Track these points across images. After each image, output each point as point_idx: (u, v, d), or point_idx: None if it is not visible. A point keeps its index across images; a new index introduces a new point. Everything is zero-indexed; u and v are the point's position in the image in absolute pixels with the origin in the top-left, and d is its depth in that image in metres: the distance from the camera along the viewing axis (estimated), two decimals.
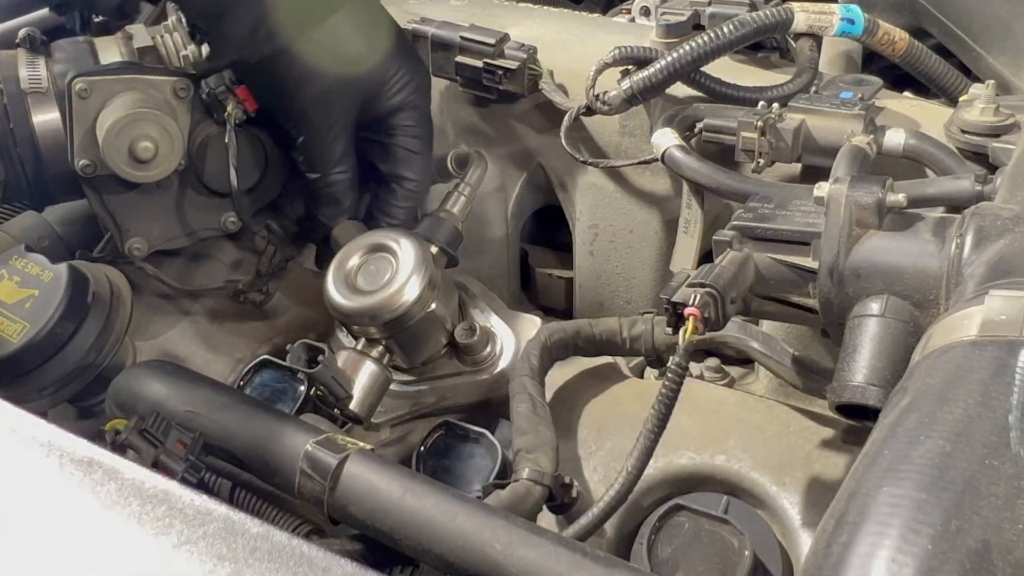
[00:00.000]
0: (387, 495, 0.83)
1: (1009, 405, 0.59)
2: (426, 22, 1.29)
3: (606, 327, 1.10)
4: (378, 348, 1.06)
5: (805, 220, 0.89)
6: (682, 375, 0.83)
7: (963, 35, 1.29)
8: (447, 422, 1.05)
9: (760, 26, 1.12)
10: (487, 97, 1.28)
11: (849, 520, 0.56)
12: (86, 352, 1.01)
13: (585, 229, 1.33)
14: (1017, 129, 1.04)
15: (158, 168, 1.09)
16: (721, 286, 0.85)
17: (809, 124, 1.07)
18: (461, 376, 1.11)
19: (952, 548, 0.52)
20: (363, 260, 1.07)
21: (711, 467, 0.99)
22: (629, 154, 1.25)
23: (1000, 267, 0.74)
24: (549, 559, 0.75)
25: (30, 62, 1.12)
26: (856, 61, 1.40)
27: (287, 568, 0.57)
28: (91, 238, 1.21)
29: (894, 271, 0.83)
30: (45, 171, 1.12)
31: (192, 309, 1.20)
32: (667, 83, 1.14)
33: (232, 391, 1.02)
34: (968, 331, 0.67)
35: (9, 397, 0.71)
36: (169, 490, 0.63)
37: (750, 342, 1.09)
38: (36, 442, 0.66)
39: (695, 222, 1.16)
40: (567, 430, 1.04)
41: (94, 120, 1.07)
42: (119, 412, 0.96)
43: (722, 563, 0.88)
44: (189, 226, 1.17)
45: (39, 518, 0.62)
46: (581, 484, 0.99)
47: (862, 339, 0.82)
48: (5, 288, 1.00)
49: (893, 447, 0.59)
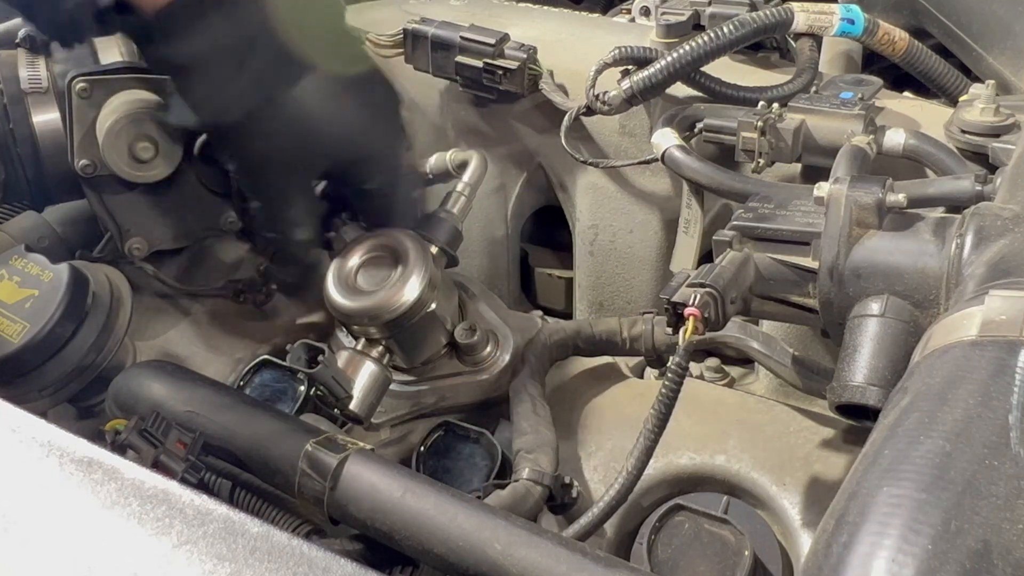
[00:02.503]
0: (387, 495, 0.83)
1: (1009, 405, 0.59)
2: (426, 22, 1.29)
3: (606, 327, 1.10)
4: (378, 348, 1.06)
5: (805, 220, 0.89)
6: (682, 375, 0.83)
7: (963, 35, 1.29)
8: (447, 422, 1.05)
9: (760, 26, 1.12)
10: (487, 97, 1.28)
11: (849, 520, 0.56)
12: (86, 352, 1.01)
13: (585, 229, 1.33)
14: (1017, 129, 1.04)
15: (158, 168, 1.09)
16: (721, 286, 0.85)
17: (809, 124, 1.07)
18: (461, 376, 1.11)
19: (952, 548, 0.52)
20: (363, 260, 1.07)
21: (711, 467, 0.99)
22: (629, 154, 1.25)
23: (1000, 267, 0.74)
24: (549, 559, 0.75)
25: (30, 62, 1.12)
26: (856, 61, 1.40)
27: (287, 568, 0.57)
28: (91, 238, 1.21)
29: (894, 271, 0.83)
30: (45, 171, 1.12)
31: (192, 309, 1.20)
32: (667, 83, 1.14)
33: (232, 391, 1.02)
34: (968, 331, 0.67)
35: (9, 397, 0.71)
36: (169, 490, 0.63)
37: (750, 342, 1.09)
38: (36, 442, 0.66)
39: (695, 222, 1.16)
40: (567, 430, 1.04)
41: (94, 120, 1.07)
42: (119, 412, 0.96)
43: (722, 563, 0.88)
44: (189, 226, 1.17)
45: (39, 518, 0.62)
46: (581, 484, 0.99)
47: (862, 339, 0.82)
48: (5, 288, 1.00)
49: (893, 447, 0.59)
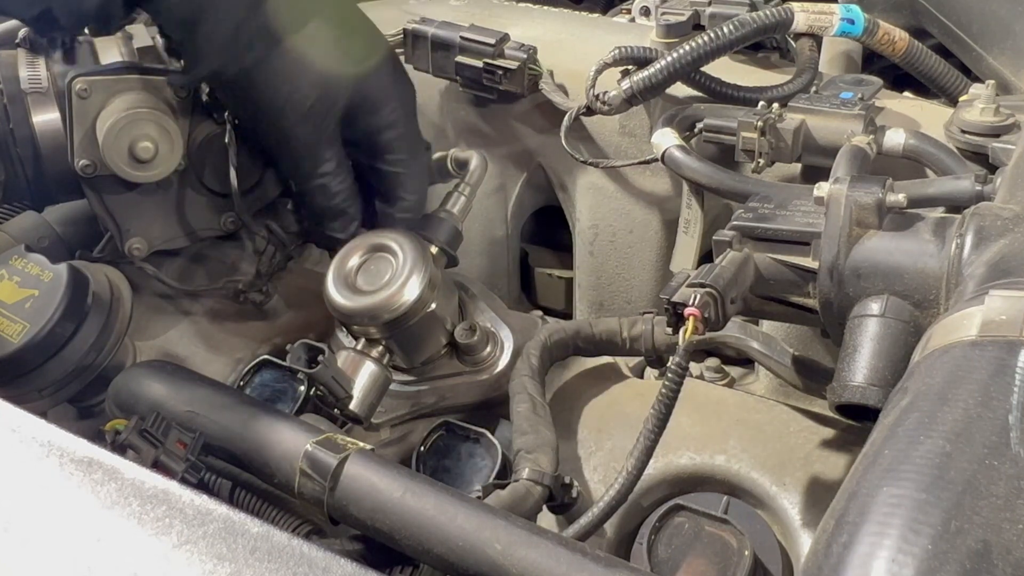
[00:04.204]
0: (387, 495, 0.83)
1: (1009, 405, 0.59)
2: (426, 22, 1.29)
3: (606, 327, 1.10)
4: (378, 348, 1.06)
5: (805, 220, 0.89)
6: (682, 375, 0.83)
7: (963, 35, 1.29)
8: (447, 422, 1.05)
9: (760, 26, 1.12)
10: (487, 97, 1.28)
11: (849, 520, 0.56)
12: (86, 352, 1.01)
13: (585, 229, 1.33)
14: (1017, 129, 1.04)
15: (158, 168, 1.09)
16: (721, 286, 0.85)
17: (809, 124, 1.07)
18: (461, 376, 1.11)
19: (952, 548, 0.52)
20: (363, 260, 1.07)
21: (711, 467, 0.99)
22: (629, 154, 1.25)
23: (1000, 267, 0.74)
24: (549, 559, 0.75)
25: (30, 62, 1.12)
26: (856, 61, 1.40)
27: (287, 568, 0.57)
28: (91, 238, 1.21)
29: (894, 271, 0.83)
30: (45, 171, 1.12)
31: (192, 309, 1.20)
32: (667, 83, 1.14)
33: (232, 391, 1.02)
34: (968, 331, 0.67)
35: (9, 397, 0.71)
36: (169, 490, 0.63)
37: (750, 342, 1.09)
38: (36, 442, 0.66)
39: (695, 222, 1.16)
40: (567, 430, 1.04)
41: (94, 120, 1.07)
42: (119, 412, 0.96)
43: (722, 563, 0.88)
44: (189, 226, 1.17)
45: (39, 518, 0.62)
46: (581, 484, 0.99)
47: (862, 339, 0.82)
48: (5, 288, 1.00)
49: (893, 447, 0.59)
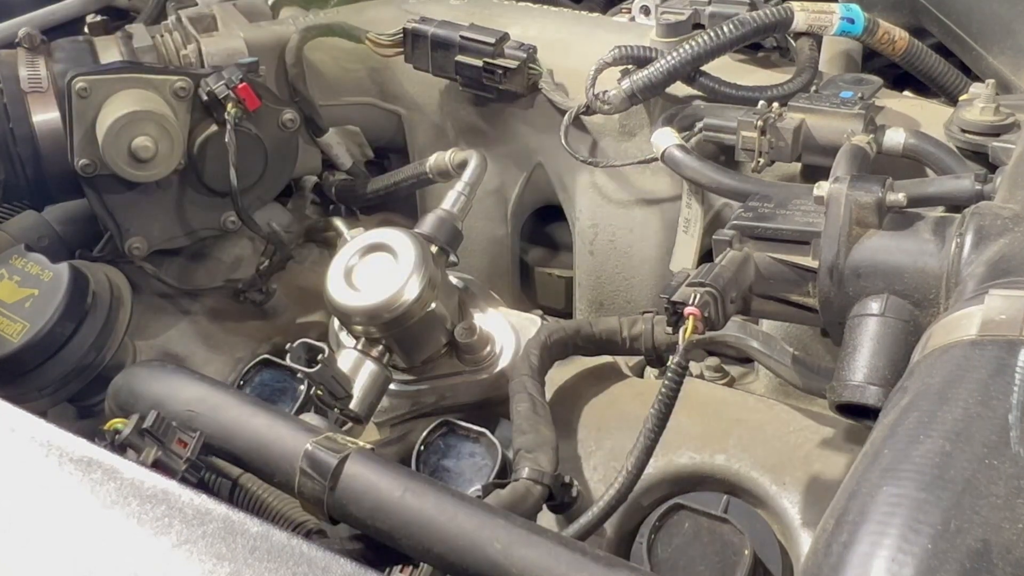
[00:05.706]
0: (387, 495, 0.83)
1: (1009, 405, 0.59)
2: (426, 21, 1.29)
3: (606, 326, 1.10)
4: (378, 347, 1.06)
5: (805, 219, 0.89)
6: (682, 375, 0.83)
7: (963, 34, 1.29)
8: (447, 421, 1.04)
9: (760, 25, 1.12)
10: (487, 97, 1.28)
11: (849, 519, 0.56)
12: (86, 352, 1.02)
13: (585, 229, 1.33)
14: (1017, 129, 1.04)
15: (158, 168, 1.09)
16: (721, 286, 0.85)
17: (809, 123, 1.07)
18: (461, 376, 1.11)
19: (952, 547, 0.52)
20: (363, 260, 1.07)
21: (711, 467, 0.99)
22: (629, 154, 1.25)
23: (1000, 266, 0.74)
24: (549, 559, 0.75)
25: (30, 62, 1.12)
26: (856, 60, 1.40)
27: (287, 568, 0.57)
28: (91, 238, 1.21)
29: (894, 270, 0.83)
30: (45, 171, 1.12)
31: (192, 309, 1.20)
32: (667, 82, 1.14)
33: (232, 391, 1.02)
34: (968, 331, 0.67)
35: (9, 397, 0.71)
36: (169, 490, 0.63)
37: (750, 342, 1.09)
38: (36, 442, 0.66)
39: (695, 222, 1.16)
40: (567, 430, 1.04)
41: (94, 120, 1.07)
42: (119, 412, 0.96)
43: (722, 563, 0.88)
44: (189, 226, 1.17)
45: (39, 518, 0.62)
46: (581, 484, 0.99)
47: (862, 338, 0.82)
48: (5, 288, 1.00)
49: (893, 446, 0.59)
